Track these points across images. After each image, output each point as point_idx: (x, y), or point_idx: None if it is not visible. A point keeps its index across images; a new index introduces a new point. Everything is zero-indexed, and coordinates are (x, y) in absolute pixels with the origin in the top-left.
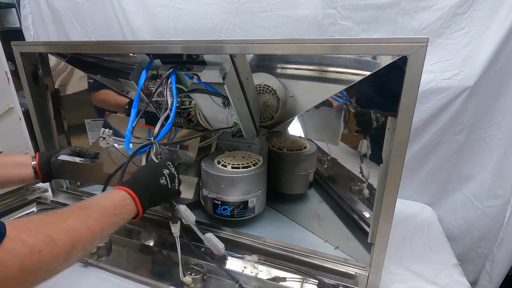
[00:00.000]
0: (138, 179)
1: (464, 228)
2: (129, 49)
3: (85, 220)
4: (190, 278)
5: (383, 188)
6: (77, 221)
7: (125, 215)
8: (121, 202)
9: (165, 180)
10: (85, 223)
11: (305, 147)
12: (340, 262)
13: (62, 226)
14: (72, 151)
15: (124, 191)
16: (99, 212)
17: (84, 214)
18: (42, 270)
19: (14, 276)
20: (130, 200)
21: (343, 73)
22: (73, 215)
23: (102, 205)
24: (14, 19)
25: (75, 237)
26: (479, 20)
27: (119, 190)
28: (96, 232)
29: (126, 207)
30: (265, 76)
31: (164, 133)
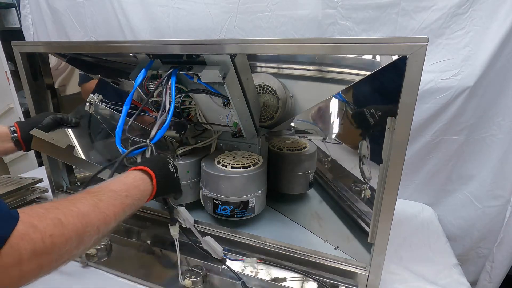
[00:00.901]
0: (150, 160)
1: (464, 228)
2: (129, 49)
3: (95, 203)
4: (189, 281)
5: (383, 188)
6: (87, 205)
7: (139, 196)
8: (133, 183)
9: (172, 167)
10: (95, 206)
11: (305, 147)
12: (340, 262)
13: (71, 209)
14: (54, 119)
15: (138, 170)
16: (110, 195)
17: (94, 198)
18: (56, 253)
19: (29, 260)
20: (142, 180)
21: (343, 73)
22: (82, 199)
23: (112, 188)
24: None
25: (85, 220)
26: (479, 20)
27: (131, 172)
28: (108, 214)
29: (138, 187)
30: (265, 76)
31: (160, 136)
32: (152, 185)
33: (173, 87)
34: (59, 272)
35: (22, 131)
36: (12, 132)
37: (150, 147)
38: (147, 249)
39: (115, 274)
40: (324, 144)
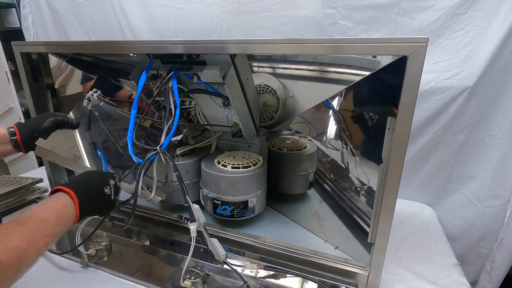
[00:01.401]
0: (82, 182)
1: (464, 228)
2: (129, 49)
3: (30, 236)
4: (189, 282)
5: (383, 188)
6: (22, 239)
7: (66, 223)
8: (62, 211)
9: (109, 190)
10: (30, 239)
11: (305, 147)
12: (340, 262)
13: (8, 245)
14: (54, 122)
15: (66, 193)
16: (41, 226)
17: (27, 230)
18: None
19: None
20: (71, 207)
21: (343, 73)
22: (16, 232)
23: (43, 217)
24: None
25: (21, 255)
26: (479, 20)
27: (61, 195)
28: (41, 247)
29: (68, 215)
30: (265, 76)
31: (168, 141)
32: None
33: (176, 91)
34: (59, 273)
35: (21, 133)
36: (11, 134)
37: (161, 154)
38: (147, 249)
39: (115, 274)
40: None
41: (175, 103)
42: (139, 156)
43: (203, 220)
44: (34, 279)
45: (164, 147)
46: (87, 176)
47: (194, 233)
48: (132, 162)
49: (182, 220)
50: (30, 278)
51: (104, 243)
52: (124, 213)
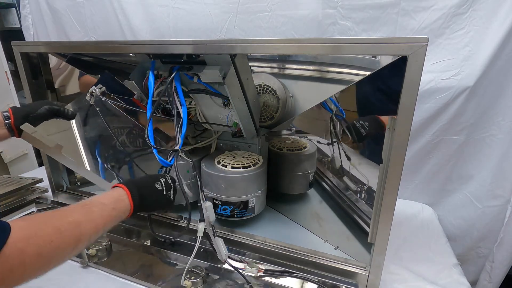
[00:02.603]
0: (135, 180)
1: (464, 228)
2: (129, 49)
3: (88, 214)
4: (189, 282)
5: (383, 188)
6: (81, 216)
7: (123, 209)
8: (118, 198)
9: (160, 185)
10: (88, 217)
11: (305, 147)
12: (340, 262)
13: (68, 219)
14: (49, 110)
15: (120, 187)
16: (100, 208)
17: (87, 209)
18: (56, 257)
19: (32, 262)
20: (125, 197)
21: (343, 73)
22: (76, 211)
23: (102, 202)
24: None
25: (80, 229)
26: (479, 20)
27: (117, 188)
28: (99, 224)
29: (123, 202)
30: (265, 76)
31: (182, 140)
32: (129, 202)
33: (180, 91)
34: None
35: (16, 118)
36: (5, 118)
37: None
38: (147, 249)
39: (115, 274)
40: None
41: (180, 103)
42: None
43: (213, 219)
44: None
45: (181, 145)
46: (140, 177)
47: (201, 233)
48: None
49: (182, 220)
50: None
51: (104, 243)
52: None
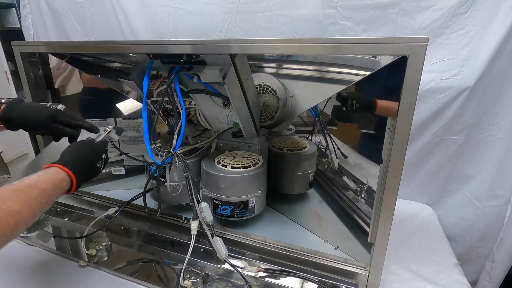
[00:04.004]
0: (79, 159)
1: (464, 228)
2: (129, 49)
3: (26, 201)
4: (189, 282)
5: (383, 188)
6: (18, 204)
7: (60, 194)
8: (59, 184)
9: (100, 164)
10: (26, 204)
11: (305, 147)
12: (340, 262)
13: (2, 208)
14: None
15: (65, 172)
16: (38, 193)
17: (24, 196)
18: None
19: None
20: (67, 182)
21: (343, 73)
22: (11, 197)
23: (41, 187)
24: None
25: (16, 218)
26: (479, 20)
27: (59, 171)
28: (36, 211)
29: (63, 187)
30: (265, 76)
31: (180, 143)
32: (72, 185)
33: (179, 92)
34: (59, 273)
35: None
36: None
37: (175, 156)
38: (147, 249)
39: (115, 274)
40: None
41: (179, 105)
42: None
43: (210, 219)
44: (34, 279)
45: (177, 149)
46: (83, 151)
47: (195, 231)
48: None
49: (182, 220)
50: (31, 278)
51: (104, 243)
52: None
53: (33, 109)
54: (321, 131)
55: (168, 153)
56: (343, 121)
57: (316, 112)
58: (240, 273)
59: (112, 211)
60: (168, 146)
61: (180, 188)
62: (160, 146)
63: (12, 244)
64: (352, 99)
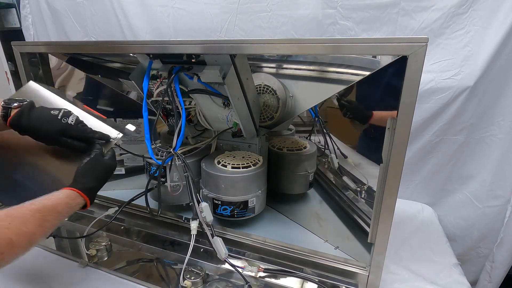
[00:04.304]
0: (96, 183)
1: (464, 228)
2: (129, 49)
3: (42, 224)
4: (189, 282)
5: (383, 188)
6: (36, 225)
7: (72, 212)
8: (74, 207)
9: (110, 176)
10: (42, 227)
11: (305, 147)
12: (340, 262)
13: (22, 230)
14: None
15: (83, 198)
16: (54, 216)
17: (41, 219)
18: (2, 266)
19: None
20: (82, 205)
21: (343, 73)
22: (32, 219)
23: (58, 210)
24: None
25: (31, 240)
26: (479, 20)
27: (78, 196)
28: (48, 233)
29: (75, 209)
30: (265, 76)
31: (180, 143)
32: (86, 205)
33: (179, 92)
34: (59, 273)
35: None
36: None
37: (176, 156)
38: (147, 249)
39: (115, 274)
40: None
41: (179, 105)
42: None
43: (210, 219)
44: (34, 279)
45: (177, 149)
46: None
47: (195, 231)
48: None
49: (182, 220)
50: (31, 278)
51: (104, 243)
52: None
53: (43, 120)
54: (321, 131)
55: (168, 153)
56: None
57: (316, 112)
58: (240, 273)
59: (112, 211)
60: (168, 146)
61: (180, 188)
62: (160, 146)
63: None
64: (348, 110)
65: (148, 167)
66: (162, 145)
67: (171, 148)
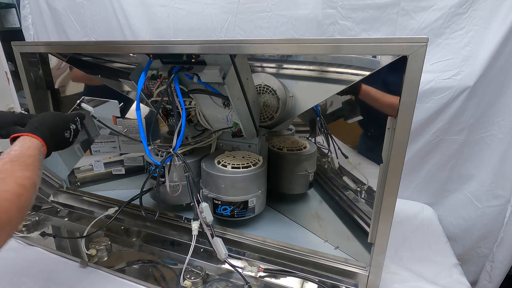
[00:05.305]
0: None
1: (464, 228)
2: (129, 49)
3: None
4: (189, 282)
5: (383, 188)
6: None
7: (43, 159)
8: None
9: (69, 134)
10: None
11: (305, 147)
12: (340, 262)
13: (17, 175)
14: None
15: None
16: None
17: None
18: (29, 204)
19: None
20: (42, 147)
21: (343, 73)
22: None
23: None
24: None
25: (32, 181)
26: (479, 20)
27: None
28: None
29: (43, 152)
30: (265, 76)
31: (180, 143)
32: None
33: (179, 92)
34: (59, 273)
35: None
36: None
37: (176, 156)
38: (147, 249)
39: (115, 274)
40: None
41: (179, 105)
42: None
43: (210, 219)
44: (34, 279)
45: (177, 149)
46: (49, 119)
47: (196, 231)
48: None
49: (182, 220)
50: (31, 278)
51: (104, 243)
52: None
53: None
54: (322, 131)
55: (168, 153)
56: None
57: (318, 112)
58: (240, 273)
59: (112, 211)
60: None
61: (180, 188)
62: (160, 146)
63: (12, 244)
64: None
65: (148, 167)
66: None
67: (171, 148)
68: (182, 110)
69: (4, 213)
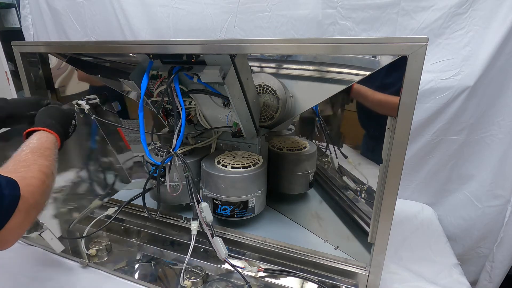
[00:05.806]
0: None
1: (464, 228)
2: (129, 49)
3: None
4: (189, 282)
5: (383, 188)
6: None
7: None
8: (55, 143)
9: (71, 130)
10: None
11: (305, 147)
12: (340, 262)
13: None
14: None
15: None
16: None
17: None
18: (50, 191)
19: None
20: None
21: (343, 73)
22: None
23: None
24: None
25: (51, 170)
26: (479, 20)
27: (47, 134)
28: (55, 166)
29: (57, 146)
30: (265, 76)
31: (180, 143)
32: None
33: (179, 92)
34: (59, 273)
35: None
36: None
37: (176, 156)
38: (147, 249)
39: (115, 274)
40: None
41: (179, 105)
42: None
43: (210, 219)
44: (34, 279)
45: (177, 149)
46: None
47: (195, 231)
48: None
49: (182, 220)
50: (31, 278)
51: (104, 243)
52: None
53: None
54: (321, 131)
55: (168, 153)
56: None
57: (317, 112)
58: (240, 273)
59: (112, 211)
60: (168, 146)
61: (180, 188)
62: (160, 146)
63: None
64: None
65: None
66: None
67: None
68: (182, 110)
69: (32, 197)
